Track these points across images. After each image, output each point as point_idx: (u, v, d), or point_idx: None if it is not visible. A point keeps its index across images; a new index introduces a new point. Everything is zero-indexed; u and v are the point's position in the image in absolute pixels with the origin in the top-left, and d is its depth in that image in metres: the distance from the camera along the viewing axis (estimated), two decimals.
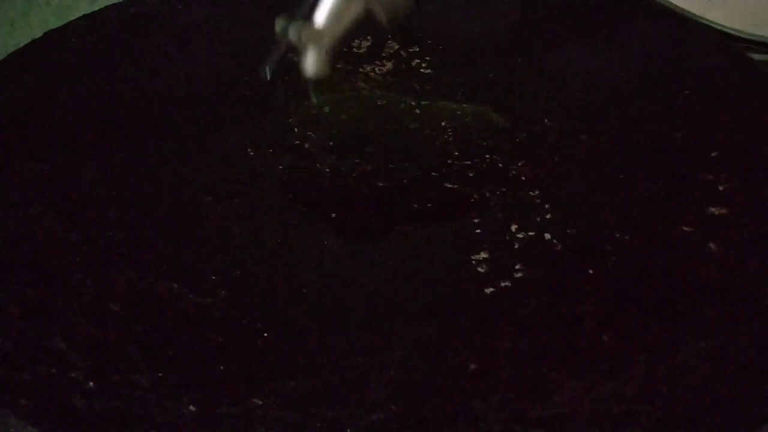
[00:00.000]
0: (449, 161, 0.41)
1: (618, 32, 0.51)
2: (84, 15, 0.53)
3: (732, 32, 0.57)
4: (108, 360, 0.30)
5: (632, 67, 0.48)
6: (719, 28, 0.57)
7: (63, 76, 0.47)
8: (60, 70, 0.48)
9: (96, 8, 0.54)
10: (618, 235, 0.36)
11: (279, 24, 0.38)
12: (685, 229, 0.36)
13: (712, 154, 0.40)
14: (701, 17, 0.58)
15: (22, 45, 0.51)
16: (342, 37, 0.38)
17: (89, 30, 0.51)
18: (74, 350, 0.30)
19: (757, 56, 0.58)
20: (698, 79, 0.46)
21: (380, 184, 0.40)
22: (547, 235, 0.37)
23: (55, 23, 0.54)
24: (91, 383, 0.29)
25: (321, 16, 0.37)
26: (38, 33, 0.52)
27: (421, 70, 0.48)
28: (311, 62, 0.37)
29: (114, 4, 0.54)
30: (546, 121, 0.44)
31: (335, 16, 0.37)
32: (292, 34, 0.37)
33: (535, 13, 0.53)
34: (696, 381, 0.30)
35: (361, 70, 0.48)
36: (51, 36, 0.51)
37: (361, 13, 0.38)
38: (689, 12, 0.57)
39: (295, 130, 0.44)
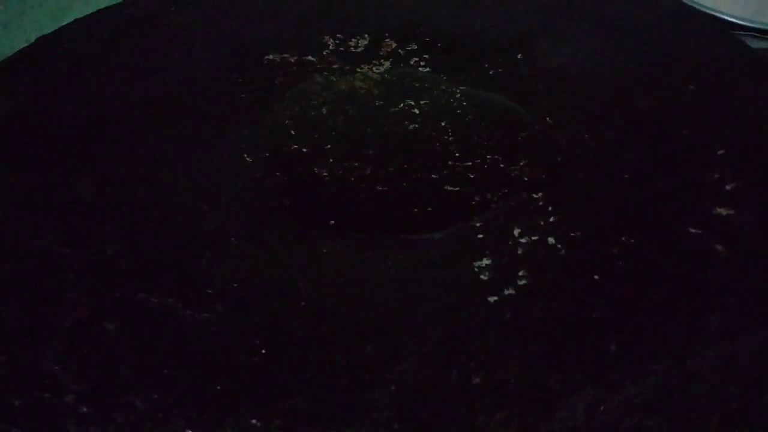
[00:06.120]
0: (450, 162, 0.41)
1: (619, 26, 0.50)
2: (76, 20, 0.52)
3: (734, 20, 0.56)
4: (102, 382, 0.29)
5: (634, 61, 0.47)
6: (721, 16, 0.56)
7: (55, 83, 0.46)
8: (52, 77, 0.47)
9: (90, 9, 0.54)
10: (623, 239, 0.35)
11: None
12: (692, 230, 0.36)
13: (719, 152, 0.39)
14: (702, 5, 0.58)
15: (16, 47, 0.50)
16: None
17: (81, 35, 0.50)
18: (67, 372, 0.30)
19: (755, 44, 0.57)
20: (703, 73, 0.45)
21: (379, 188, 0.39)
22: (551, 240, 0.36)
23: (49, 25, 0.54)
24: (85, 408, 0.28)
25: None
26: (32, 35, 0.51)
27: (420, 68, 0.48)
28: None
29: (107, 6, 0.53)
30: (548, 119, 0.43)
31: None
32: None
33: (535, 8, 0.52)
34: (707, 389, 0.29)
35: (358, 69, 0.48)
36: (43, 42, 0.50)
37: None
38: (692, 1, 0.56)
39: (292, 133, 0.43)
